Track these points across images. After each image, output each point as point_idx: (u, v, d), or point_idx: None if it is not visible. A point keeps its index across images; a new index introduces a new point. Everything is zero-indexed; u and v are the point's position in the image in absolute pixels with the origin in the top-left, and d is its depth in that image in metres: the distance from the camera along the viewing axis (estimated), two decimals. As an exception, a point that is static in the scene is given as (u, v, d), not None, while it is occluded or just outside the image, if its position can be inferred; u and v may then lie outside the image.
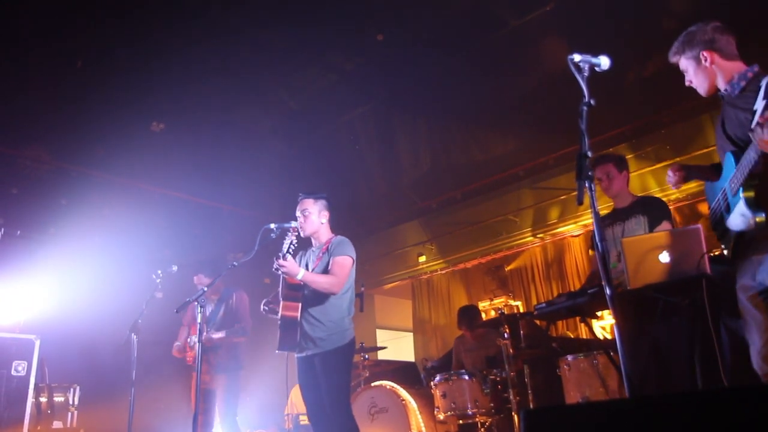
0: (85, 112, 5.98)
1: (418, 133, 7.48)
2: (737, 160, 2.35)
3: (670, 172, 2.80)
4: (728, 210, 2.45)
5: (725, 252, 2.56)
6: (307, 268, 3.75)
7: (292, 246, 3.48)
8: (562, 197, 7.26)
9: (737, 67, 2.51)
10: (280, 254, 3.44)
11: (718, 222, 2.56)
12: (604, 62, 2.10)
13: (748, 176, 2.29)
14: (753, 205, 2.29)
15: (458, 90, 6.55)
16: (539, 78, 6.16)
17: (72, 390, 5.68)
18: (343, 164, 7.77)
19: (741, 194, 2.32)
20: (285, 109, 6.84)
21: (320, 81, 6.45)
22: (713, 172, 2.67)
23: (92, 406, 5.83)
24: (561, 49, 5.65)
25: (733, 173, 2.39)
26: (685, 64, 2.61)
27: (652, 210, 3.63)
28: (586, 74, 2.06)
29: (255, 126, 7.02)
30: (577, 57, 2.07)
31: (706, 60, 2.53)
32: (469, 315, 5.68)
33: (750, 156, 2.26)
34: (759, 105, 2.17)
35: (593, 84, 2.05)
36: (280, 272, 3.46)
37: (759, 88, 2.26)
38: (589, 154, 1.96)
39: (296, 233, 3.55)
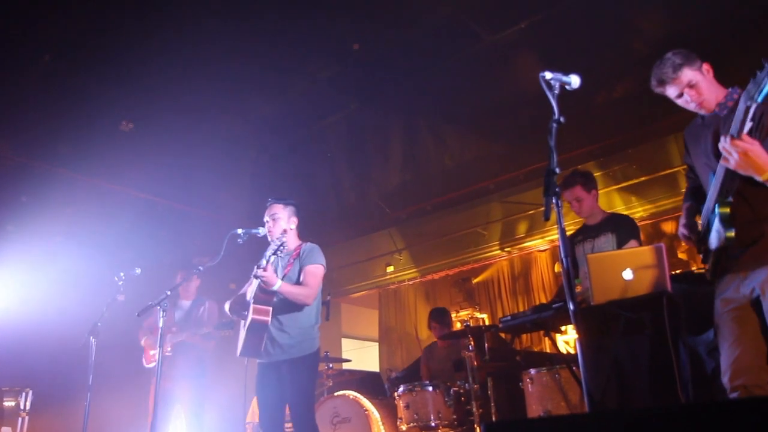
0: (51, 107, 5.81)
1: (390, 144, 7.50)
2: None
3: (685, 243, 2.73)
4: (709, 229, 2.47)
5: (707, 271, 2.55)
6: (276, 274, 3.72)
7: (279, 251, 3.46)
8: (531, 212, 7.36)
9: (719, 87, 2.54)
10: (263, 261, 3.43)
11: (701, 242, 2.56)
12: (574, 81, 2.12)
13: (720, 192, 2.33)
14: (726, 221, 2.31)
15: (431, 103, 6.60)
16: (511, 94, 6.24)
17: (24, 394, 5.47)
18: (313, 172, 7.73)
19: (717, 210, 2.35)
20: (257, 114, 6.78)
21: (293, 88, 6.42)
22: (697, 206, 2.63)
23: (45, 411, 5.64)
24: (533, 66, 5.75)
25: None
26: (692, 75, 2.47)
27: (621, 228, 3.69)
28: (556, 92, 2.08)
29: (226, 130, 6.93)
30: (548, 75, 2.09)
31: (708, 72, 2.51)
32: (441, 313, 5.92)
33: (719, 171, 2.32)
34: (736, 121, 2.16)
35: (564, 102, 2.08)
36: (259, 280, 3.43)
37: (745, 106, 2.14)
38: (557, 170, 1.98)
39: (281, 242, 3.49)
